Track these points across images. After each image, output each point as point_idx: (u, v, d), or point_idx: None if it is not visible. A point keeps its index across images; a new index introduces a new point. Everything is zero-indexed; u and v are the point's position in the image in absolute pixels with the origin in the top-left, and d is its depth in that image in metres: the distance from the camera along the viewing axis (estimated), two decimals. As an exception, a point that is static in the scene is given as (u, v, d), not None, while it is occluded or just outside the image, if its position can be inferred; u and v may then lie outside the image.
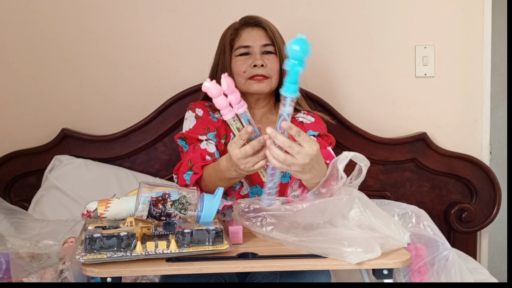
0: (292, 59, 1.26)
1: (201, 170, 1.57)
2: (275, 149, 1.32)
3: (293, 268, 1.29)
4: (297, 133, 1.30)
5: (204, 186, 1.59)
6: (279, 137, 1.30)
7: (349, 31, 2.37)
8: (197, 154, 1.63)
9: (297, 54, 1.25)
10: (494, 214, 2.35)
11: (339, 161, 1.39)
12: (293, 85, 1.28)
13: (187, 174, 1.58)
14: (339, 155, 1.40)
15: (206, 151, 1.65)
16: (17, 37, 2.30)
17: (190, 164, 1.60)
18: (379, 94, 2.40)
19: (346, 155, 1.39)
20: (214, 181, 1.54)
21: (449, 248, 1.47)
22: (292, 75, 1.27)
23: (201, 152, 1.64)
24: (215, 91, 1.39)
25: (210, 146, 1.67)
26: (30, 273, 1.60)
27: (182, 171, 1.60)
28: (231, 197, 1.69)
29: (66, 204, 2.15)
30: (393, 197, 2.32)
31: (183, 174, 1.59)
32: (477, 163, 2.35)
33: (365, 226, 1.34)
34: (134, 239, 1.25)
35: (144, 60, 2.34)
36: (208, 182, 1.57)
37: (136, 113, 2.31)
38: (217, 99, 1.39)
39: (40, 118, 2.33)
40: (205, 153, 1.64)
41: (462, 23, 2.38)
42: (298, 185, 1.57)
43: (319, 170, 1.39)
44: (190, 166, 1.59)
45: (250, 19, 1.81)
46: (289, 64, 1.27)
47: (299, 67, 1.26)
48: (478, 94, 2.40)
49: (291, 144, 1.30)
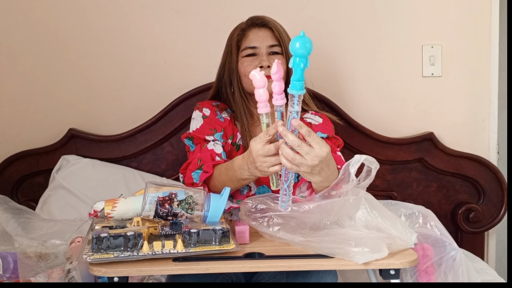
0: (295, 57, 1.27)
1: (212, 169, 1.57)
2: (285, 148, 1.31)
3: (300, 268, 1.29)
4: (307, 133, 1.29)
5: (212, 185, 1.58)
6: (289, 136, 1.30)
7: (356, 31, 2.36)
8: (207, 154, 1.63)
9: (299, 51, 1.25)
10: (501, 214, 2.34)
11: (351, 165, 1.39)
12: (298, 82, 1.28)
13: (195, 172, 1.57)
14: (350, 159, 1.40)
15: (214, 152, 1.65)
16: (24, 38, 2.31)
17: (200, 163, 1.60)
18: (386, 94, 2.39)
19: (358, 159, 1.39)
20: (224, 181, 1.53)
21: (457, 249, 1.47)
22: (296, 72, 1.27)
23: (211, 152, 1.63)
24: (260, 83, 1.38)
25: (217, 147, 1.67)
26: (38, 273, 1.60)
27: (191, 169, 1.60)
28: (237, 200, 1.69)
29: (73, 204, 2.16)
30: (400, 197, 2.32)
31: (191, 172, 1.58)
32: (485, 163, 2.34)
33: (372, 227, 1.34)
34: (141, 239, 1.26)
35: (151, 60, 2.34)
36: (217, 182, 1.56)
37: (143, 113, 2.31)
38: (259, 90, 1.38)
39: (47, 118, 2.33)
40: (214, 154, 1.64)
41: (469, 23, 2.37)
42: (307, 187, 1.56)
43: (329, 174, 1.38)
44: (200, 165, 1.59)
45: (256, 19, 1.81)
46: (293, 61, 1.27)
47: (303, 64, 1.27)
48: (486, 94, 2.39)
49: (301, 143, 1.29)
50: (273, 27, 1.78)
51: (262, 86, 1.38)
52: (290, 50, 1.26)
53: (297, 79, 1.28)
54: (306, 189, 1.57)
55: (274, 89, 1.35)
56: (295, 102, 1.30)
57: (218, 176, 1.56)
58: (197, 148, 1.69)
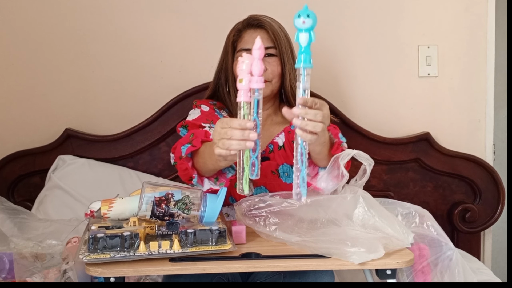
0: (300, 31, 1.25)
1: (200, 144, 1.50)
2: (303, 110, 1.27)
3: (297, 268, 1.29)
4: (313, 103, 1.29)
5: (195, 162, 1.52)
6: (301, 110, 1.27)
7: (352, 31, 2.37)
8: (201, 131, 1.57)
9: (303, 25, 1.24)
10: (497, 214, 2.35)
11: (342, 157, 1.39)
12: (305, 55, 1.26)
13: (184, 146, 1.52)
14: (341, 152, 1.41)
15: (208, 132, 1.58)
16: (19, 37, 2.31)
17: (192, 137, 1.55)
18: (383, 94, 2.39)
19: (349, 152, 1.39)
20: (205, 159, 1.47)
21: (453, 248, 1.47)
22: (301, 46, 1.26)
23: (205, 131, 1.58)
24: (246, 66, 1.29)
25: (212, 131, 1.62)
26: (34, 273, 1.60)
27: (182, 142, 1.55)
28: (221, 182, 1.59)
29: (70, 204, 2.15)
30: (396, 197, 2.32)
31: (181, 145, 1.53)
32: (481, 163, 2.34)
33: (369, 226, 1.34)
34: (137, 239, 1.26)
35: (147, 60, 2.34)
36: (200, 158, 1.50)
37: (139, 113, 2.31)
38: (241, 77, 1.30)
39: (43, 118, 2.33)
40: (209, 133, 1.57)
41: (466, 23, 2.37)
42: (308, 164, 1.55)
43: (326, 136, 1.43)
44: (191, 140, 1.54)
45: (253, 20, 1.79)
46: (297, 36, 1.26)
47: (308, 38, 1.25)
48: (482, 94, 2.39)
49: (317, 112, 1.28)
50: (268, 29, 1.76)
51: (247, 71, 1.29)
52: (295, 24, 1.25)
53: (303, 52, 1.26)
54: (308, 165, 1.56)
55: (253, 68, 1.28)
56: (303, 77, 1.26)
57: (203, 152, 1.50)
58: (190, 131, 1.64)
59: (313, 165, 1.55)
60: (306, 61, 1.26)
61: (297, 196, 1.29)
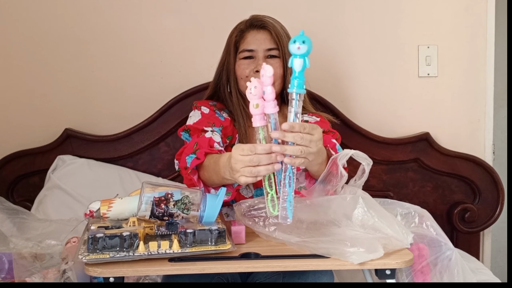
0: (295, 56, 1.25)
1: (204, 156, 1.51)
2: (289, 147, 1.27)
3: (296, 268, 1.29)
4: (301, 128, 1.27)
5: (201, 174, 1.54)
6: (288, 135, 1.27)
7: (352, 31, 2.37)
8: (205, 140, 1.58)
9: (298, 51, 1.24)
10: (497, 214, 2.35)
11: (339, 157, 1.39)
12: (299, 80, 1.26)
13: (190, 156, 1.53)
14: (339, 152, 1.40)
15: (212, 139, 1.59)
16: (19, 37, 2.31)
17: (196, 147, 1.55)
18: (382, 94, 2.39)
19: (346, 153, 1.39)
20: (211, 173, 1.49)
21: (452, 248, 1.47)
22: (295, 71, 1.26)
23: (209, 139, 1.58)
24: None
25: (215, 136, 1.63)
26: (33, 273, 1.60)
27: (186, 153, 1.56)
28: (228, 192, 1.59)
29: (69, 204, 2.15)
30: (396, 197, 2.32)
31: (186, 156, 1.54)
32: (480, 163, 2.34)
33: (368, 226, 1.34)
34: (137, 239, 1.26)
35: (147, 60, 2.34)
36: (205, 172, 1.51)
37: (139, 113, 2.31)
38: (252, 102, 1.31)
39: (43, 118, 2.33)
40: (212, 141, 1.58)
41: (466, 23, 2.37)
42: (305, 177, 1.55)
43: (322, 151, 1.39)
44: (195, 149, 1.54)
45: (256, 21, 1.78)
46: (292, 61, 1.26)
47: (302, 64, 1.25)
48: (481, 94, 2.39)
49: (303, 136, 1.27)
50: (272, 30, 1.75)
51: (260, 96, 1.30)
52: (290, 49, 1.25)
53: (296, 78, 1.26)
54: (304, 179, 1.56)
55: (265, 95, 1.29)
56: (295, 102, 1.27)
57: (207, 166, 1.51)
58: (194, 138, 1.65)
59: (310, 178, 1.53)
60: (299, 86, 1.26)
61: (284, 219, 1.31)
